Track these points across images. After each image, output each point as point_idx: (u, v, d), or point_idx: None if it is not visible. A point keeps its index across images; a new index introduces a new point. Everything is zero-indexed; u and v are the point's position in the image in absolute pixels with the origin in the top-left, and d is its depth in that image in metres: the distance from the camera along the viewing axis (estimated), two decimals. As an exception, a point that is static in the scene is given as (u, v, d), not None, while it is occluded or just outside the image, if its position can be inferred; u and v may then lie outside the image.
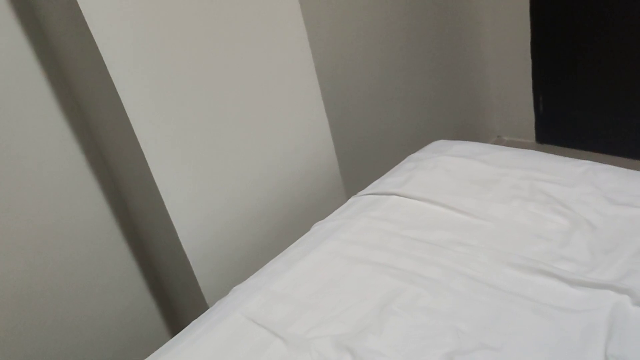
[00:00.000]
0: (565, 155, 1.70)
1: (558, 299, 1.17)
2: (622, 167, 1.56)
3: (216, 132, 1.56)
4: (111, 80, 1.31)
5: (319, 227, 1.61)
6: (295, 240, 1.59)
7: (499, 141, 3.09)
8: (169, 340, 1.32)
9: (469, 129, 2.91)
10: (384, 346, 1.15)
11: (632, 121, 2.59)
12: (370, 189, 1.73)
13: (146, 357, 1.27)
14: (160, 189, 1.47)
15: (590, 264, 1.23)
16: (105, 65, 1.30)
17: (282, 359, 1.17)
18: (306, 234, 1.60)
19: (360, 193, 1.74)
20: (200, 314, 1.39)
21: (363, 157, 2.30)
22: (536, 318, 1.13)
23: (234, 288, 1.44)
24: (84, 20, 1.24)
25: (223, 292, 1.49)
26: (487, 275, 1.28)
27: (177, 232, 1.52)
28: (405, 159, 1.86)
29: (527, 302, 1.18)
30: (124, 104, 1.34)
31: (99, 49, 1.28)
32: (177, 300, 1.77)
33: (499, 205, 1.49)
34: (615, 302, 1.11)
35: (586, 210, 1.39)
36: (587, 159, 1.64)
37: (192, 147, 1.52)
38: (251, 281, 1.43)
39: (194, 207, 1.55)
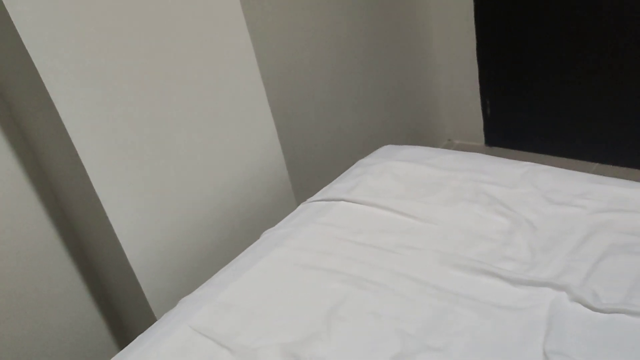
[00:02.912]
0: (512, 157, 1.74)
1: (500, 298, 1.19)
2: (567, 167, 1.61)
3: (160, 140, 1.54)
4: (47, 92, 1.28)
5: (268, 235, 1.60)
6: (244, 248, 1.58)
7: (449, 145, 3.15)
8: (117, 353, 1.29)
9: (421, 133, 2.95)
10: (331, 352, 1.15)
11: (576, 123, 2.67)
12: (319, 195, 1.73)
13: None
14: (102, 200, 1.44)
15: (530, 263, 1.27)
16: (39, 76, 1.26)
17: (228, 370, 1.16)
18: (256, 242, 1.59)
19: (309, 200, 1.74)
20: (148, 327, 1.36)
21: (314, 163, 2.30)
22: (478, 318, 1.15)
23: (182, 300, 1.42)
24: (13, 25, 1.21)
25: (171, 303, 1.47)
26: (432, 277, 1.29)
27: (121, 244, 1.48)
28: (354, 165, 1.87)
29: (470, 302, 1.20)
30: (60, 115, 1.31)
31: (32, 58, 1.24)
32: (124, 313, 1.73)
33: (444, 207, 1.51)
34: (553, 299, 1.15)
35: (526, 210, 1.43)
36: (533, 160, 1.69)
37: (135, 156, 1.49)
38: (198, 292, 1.42)
39: (138, 218, 1.52)
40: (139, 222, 1.52)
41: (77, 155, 1.37)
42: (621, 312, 1.08)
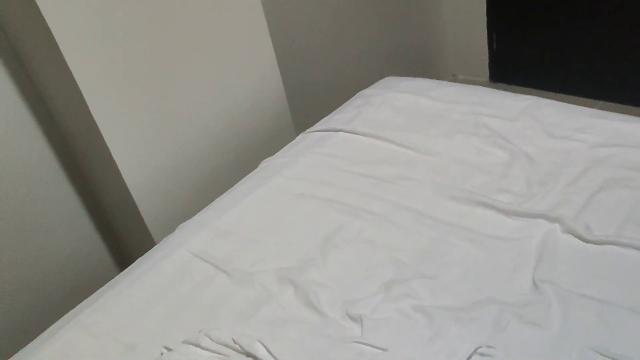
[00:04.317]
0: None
1: (494, 229, 1.21)
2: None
3: (160, 69, 1.52)
4: (42, 16, 1.25)
5: (267, 164, 1.60)
6: (243, 177, 1.58)
7: (454, 80, 3.10)
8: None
9: (425, 67, 2.90)
10: (325, 278, 1.17)
11: (582, 60, 2.62)
12: (318, 125, 1.72)
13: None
14: (101, 128, 1.44)
15: (526, 195, 1.27)
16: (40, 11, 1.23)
17: (226, 292, 1.19)
18: (254, 171, 1.59)
19: (308, 130, 1.73)
20: (147, 252, 1.38)
21: (314, 94, 2.27)
22: (472, 247, 1.17)
23: (180, 225, 1.43)
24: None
25: (170, 229, 1.49)
26: (428, 208, 1.30)
27: (121, 171, 1.49)
28: (355, 96, 1.85)
29: (465, 232, 1.21)
30: (59, 45, 1.29)
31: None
32: (124, 239, 1.76)
33: (444, 140, 1.51)
34: (546, 230, 1.16)
35: (525, 143, 1.42)
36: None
37: (135, 83, 1.47)
38: (197, 218, 1.43)
39: (137, 146, 1.52)
40: (138, 149, 1.52)
41: (75, 82, 1.35)
42: (612, 244, 1.09)
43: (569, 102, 1.59)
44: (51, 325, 1.19)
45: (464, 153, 1.45)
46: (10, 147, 1.46)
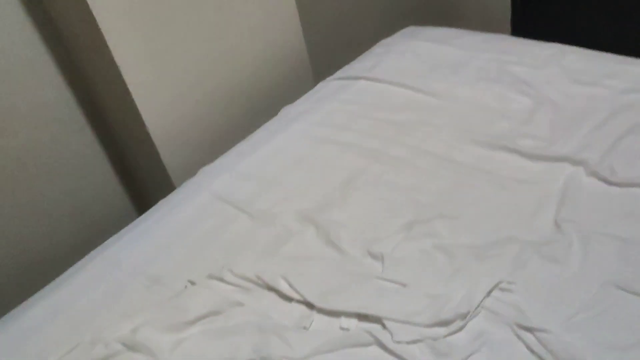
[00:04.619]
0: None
1: (516, 172, 1.20)
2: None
3: (181, 11, 1.50)
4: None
5: (287, 111, 1.60)
6: (262, 125, 1.58)
7: (474, 35, 3.04)
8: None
9: (445, 19, 2.85)
10: (346, 218, 1.18)
11: (610, 15, 2.55)
12: (339, 74, 1.71)
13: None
14: (122, 72, 1.43)
15: (550, 140, 1.26)
16: None
17: (247, 231, 1.20)
18: (274, 118, 1.60)
19: (328, 78, 1.72)
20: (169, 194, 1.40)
21: (334, 44, 2.25)
22: (493, 189, 1.17)
23: (201, 169, 1.45)
24: None
25: (190, 174, 1.50)
26: (449, 152, 1.30)
27: (142, 114, 1.49)
28: (376, 45, 1.83)
29: (486, 175, 1.21)
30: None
31: None
32: (144, 184, 1.78)
33: (466, 87, 1.49)
34: (570, 173, 1.15)
35: (550, 90, 1.40)
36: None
37: (156, 27, 1.46)
38: (218, 162, 1.44)
39: (159, 90, 1.52)
40: (160, 95, 1.52)
41: (96, 23, 1.34)
42: (636, 186, 1.08)
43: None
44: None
45: (486, 100, 1.43)
46: (30, 89, 1.47)
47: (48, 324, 1.06)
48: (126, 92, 1.47)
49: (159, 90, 1.52)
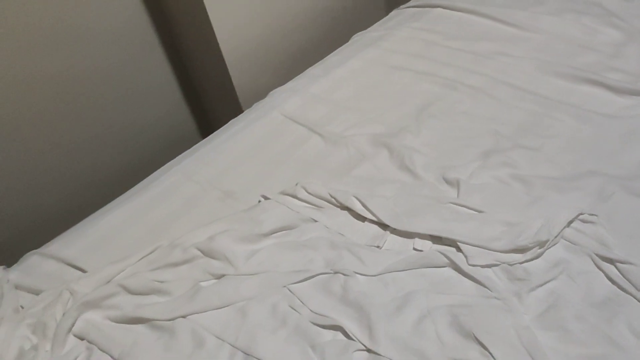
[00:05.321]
0: None
1: (601, 106, 1.15)
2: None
3: None
4: None
5: (359, 38, 1.57)
6: (332, 51, 1.56)
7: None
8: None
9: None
10: (420, 144, 1.16)
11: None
12: (414, 1, 1.66)
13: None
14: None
15: (639, 75, 1.20)
16: None
17: (319, 152, 1.20)
18: (346, 44, 1.57)
19: (402, 6, 1.67)
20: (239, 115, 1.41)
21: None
22: (576, 122, 1.13)
23: (272, 92, 1.44)
24: None
25: (258, 98, 1.50)
26: (530, 83, 1.25)
27: (216, 33, 1.49)
28: (453, -27, 1.75)
29: (569, 108, 1.16)
30: None
31: None
32: (212, 109, 1.79)
33: (551, 17, 1.42)
34: (661, 109, 1.10)
35: (644, 23, 1.32)
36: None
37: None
38: (289, 85, 1.44)
39: (234, 11, 1.51)
40: (236, 17, 1.51)
41: None
42: None
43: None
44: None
45: (572, 31, 1.36)
46: (103, 7, 1.48)
47: (127, 228, 1.10)
48: (202, 13, 1.46)
49: (234, 10, 1.51)
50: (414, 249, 0.96)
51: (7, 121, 1.37)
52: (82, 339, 0.90)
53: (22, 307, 0.96)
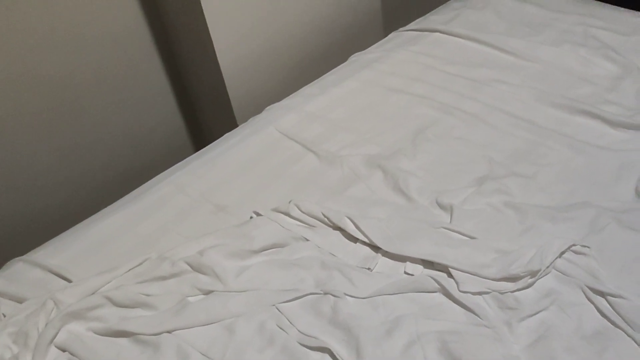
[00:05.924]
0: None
1: (597, 138, 1.16)
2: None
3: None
4: None
5: (356, 58, 1.57)
6: (330, 70, 1.56)
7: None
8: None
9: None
10: (415, 167, 1.16)
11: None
12: (413, 25, 1.67)
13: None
14: (203, 5, 1.43)
15: (635, 109, 1.21)
16: None
17: (314, 170, 1.20)
18: (343, 64, 1.57)
19: (401, 29, 1.67)
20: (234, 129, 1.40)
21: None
22: (571, 153, 1.13)
23: (268, 107, 1.44)
24: None
25: (254, 112, 1.50)
26: (526, 112, 1.26)
27: (214, 45, 1.49)
28: (454, -1, 1.77)
29: (564, 138, 1.17)
30: None
31: None
32: (206, 121, 1.79)
33: (549, 47, 1.43)
34: (655, 144, 1.10)
35: (639, 59, 1.33)
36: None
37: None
38: (285, 102, 1.43)
39: (234, 26, 1.51)
40: (235, 29, 1.51)
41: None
42: None
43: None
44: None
45: (569, 62, 1.38)
46: (103, 11, 1.47)
47: (116, 239, 1.09)
48: (201, 23, 1.46)
49: (233, 22, 1.51)
50: (405, 272, 0.96)
51: (-1, 124, 1.36)
52: (64, 350, 0.88)
53: (4, 315, 0.94)
